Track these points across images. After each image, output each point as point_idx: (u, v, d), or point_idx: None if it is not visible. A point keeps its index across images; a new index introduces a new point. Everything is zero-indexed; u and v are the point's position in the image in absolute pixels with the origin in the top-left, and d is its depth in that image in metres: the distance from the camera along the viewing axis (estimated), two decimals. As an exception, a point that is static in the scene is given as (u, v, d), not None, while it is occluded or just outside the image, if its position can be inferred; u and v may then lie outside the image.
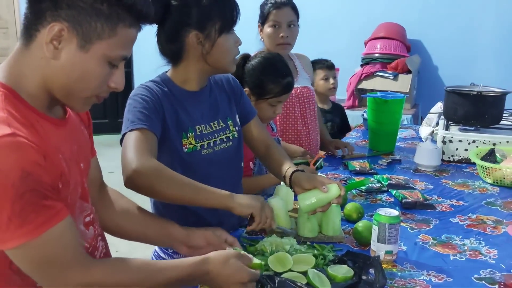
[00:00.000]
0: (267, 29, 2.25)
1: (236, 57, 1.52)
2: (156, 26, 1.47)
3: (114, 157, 1.44)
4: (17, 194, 0.83)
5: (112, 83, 0.99)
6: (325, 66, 3.21)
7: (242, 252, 1.19)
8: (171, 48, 1.46)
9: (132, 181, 1.25)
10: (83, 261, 0.95)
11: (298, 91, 2.34)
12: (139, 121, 1.36)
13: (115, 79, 0.99)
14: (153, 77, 1.53)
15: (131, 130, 1.34)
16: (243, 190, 1.64)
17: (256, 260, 1.16)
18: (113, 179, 1.48)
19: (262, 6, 2.29)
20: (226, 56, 1.46)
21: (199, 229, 1.30)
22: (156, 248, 1.58)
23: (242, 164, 1.66)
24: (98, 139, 6.19)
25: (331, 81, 3.20)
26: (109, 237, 1.23)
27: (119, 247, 2.83)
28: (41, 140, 0.90)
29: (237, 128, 1.60)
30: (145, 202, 1.44)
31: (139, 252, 2.91)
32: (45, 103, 0.97)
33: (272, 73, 1.89)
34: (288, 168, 1.54)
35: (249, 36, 2.34)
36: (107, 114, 6.33)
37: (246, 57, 1.97)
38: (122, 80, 1.00)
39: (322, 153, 2.11)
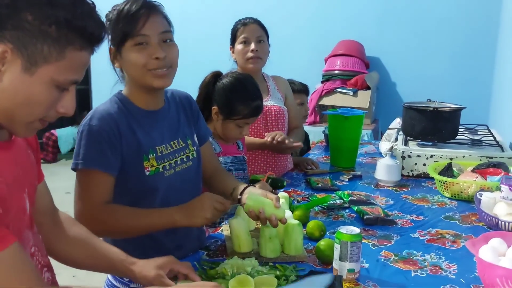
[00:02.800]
0: (238, 46, 2.29)
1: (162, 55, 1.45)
2: None
3: (71, 177, 1.38)
4: None
5: (61, 108, 0.93)
6: (302, 91, 3.17)
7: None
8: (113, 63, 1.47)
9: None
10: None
11: (267, 108, 2.33)
12: (93, 161, 1.35)
13: (64, 104, 0.94)
14: (112, 93, 1.49)
15: (85, 168, 1.36)
16: None
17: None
18: (69, 199, 1.42)
19: (232, 30, 2.34)
20: (135, 69, 1.40)
21: (149, 260, 1.24)
22: (109, 276, 1.53)
23: (201, 185, 1.63)
24: (55, 159, 5.85)
25: (305, 107, 3.21)
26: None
27: (77, 272, 2.73)
28: None
29: (195, 147, 1.58)
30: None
31: (97, 276, 2.81)
32: None
33: (242, 95, 1.88)
34: (239, 184, 1.57)
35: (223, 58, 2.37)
36: (65, 133, 6.17)
37: (217, 75, 1.96)
38: (72, 105, 0.95)
39: (271, 172, 2.11)
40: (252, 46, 2.26)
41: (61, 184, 3.73)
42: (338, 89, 4.14)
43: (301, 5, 4.64)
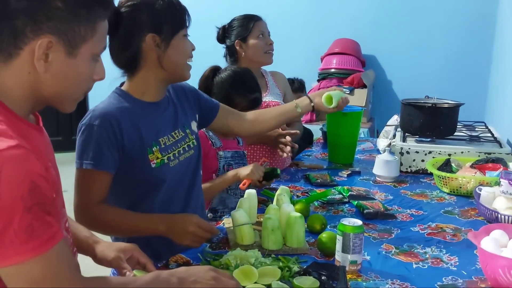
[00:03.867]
0: (253, 40, 2.32)
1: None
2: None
3: (67, 175, 1.40)
4: (26, 208, 0.80)
5: (96, 76, 1.01)
6: (299, 89, 3.17)
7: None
8: (126, 55, 1.43)
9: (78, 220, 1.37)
10: (81, 279, 0.92)
11: (265, 104, 2.34)
12: (90, 161, 1.37)
13: (98, 71, 1.01)
14: (107, 94, 1.49)
15: (82, 167, 1.38)
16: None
17: None
18: (66, 197, 1.42)
19: (231, 28, 2.36)
20: (182, 58, 1.46)
21: (113, 243, 1.28)
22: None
23: (201, 172, 1.65)
24: (51, 157, 5.90)
25: None
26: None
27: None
28: (37, 150, 0.88)
29: (194, 136, 1.61)
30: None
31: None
32: (26, 111, 0.95)
33: (240, 87, 1.93)
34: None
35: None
36: (60, 132, 6.14)
37: (215, 69, 2.00)
38: (104, 70, 1.03)
39: (265, 159, 2.12)
40: (269, 39, 2.35)
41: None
42: (334, 87, 4.14)
43: (297, 4, 4.65)
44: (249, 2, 4.41)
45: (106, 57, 1.44)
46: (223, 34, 2.37)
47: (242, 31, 2.33)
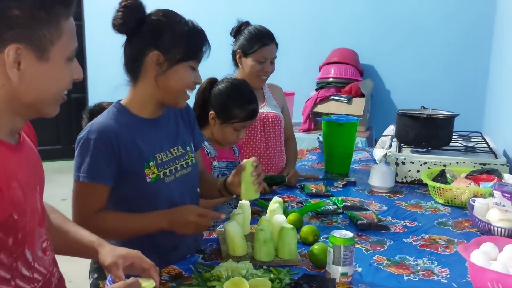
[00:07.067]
0: (251, 62, 2.25)
1: (202, 82, 1.54)
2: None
3: (67, 184, 1.42)
4: None
5: (74, 75, 1.01)
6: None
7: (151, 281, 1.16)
8: (131, 61, 1.46)
9: None
10: None
11: (264, 115, 2.35)
12: (87, 173, 1.39)
13: (75, 71, 1.01)
14: (107, 83, 1.50)
15: (79, 180, 1.40)
16: None
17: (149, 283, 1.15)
18: (65, 206, 1.45)
19: (240, 34, 2.29)
20: (179, 85, 1.45)
21: (116, 248, 1.23)
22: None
23: (198, 190, 1.65)
24: (51, 165, 6.03)
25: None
26: (61, 268, 1.17)
27: (72, 277, 2.72)
28: None
29: (193, 154, 1.62)
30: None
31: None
32: (7, 126, 0.95)
33: (238, 98, 1.93)
34: (220, 179, 1.70)
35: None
36: (60, 140, 6.15)
37: (213, 81, 2.01)
38: (81, 70, 1.03)
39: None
40: (267, 67, 2.27)
41: (56, 191, 3.72)
42: (332, 97, 4.16)
43: (295, 13, 4.67)
44: (248, 10, 4.44)
45: (108, 69, 1.47)
46: (235, 33, 2.34)
47: (246, 47, 2.26)
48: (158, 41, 1.41)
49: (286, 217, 1.66)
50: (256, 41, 2.24)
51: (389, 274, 1.43)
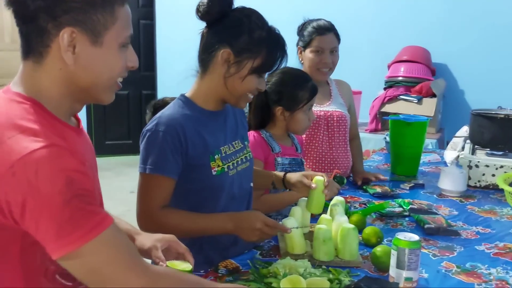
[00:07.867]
0: (309, 54, 2.22)
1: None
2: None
3: (136, 177, 1.44)
4: (65, 201, 0.83)
5: (129, 63, 1.02)
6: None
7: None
8: (206, 53, 1.44)
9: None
10: (142, 263, 0.94)
11: (329, 114, 2.30)
12: (154, 166, 1.39)
13: (130, 58, 1.02)
14: (175, 80, 1.52)
15: (145, 172, 1.40)
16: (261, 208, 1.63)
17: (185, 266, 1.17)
18: (133, 198, 1.47)
19: (302, 30, 2.27)
20: (243, 89, 1.44)
21: (151, 235, 1.27)
22: None
23: (252, 184, 1.65)
24: (121, 160, 6.28)
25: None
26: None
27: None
28: (73, 148, 0.91)
29: (249, 149, 1.63)
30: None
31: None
32: (67, 112, 0.99)
33: (297, 82, 1.93)
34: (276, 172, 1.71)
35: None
36: (131, 135, 6.37)
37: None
38: (136, 57, 1.04)
39: (338, 170, 2.10)
40: (326, 58, 2.21)
41: (126, 184, 3.85)
42: (401, 96, 4.01)
43: (364, 10, 4.55)
44: (316, 10, 4.39)
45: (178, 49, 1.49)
46: (299, 31, 2.31)
47: (302, 39, 2.25)
48: (233, 40, 1.39)
49: (349, 218, 1.61)
50: (312, 33, 2.22)
51: (458, 281, 1.34)
